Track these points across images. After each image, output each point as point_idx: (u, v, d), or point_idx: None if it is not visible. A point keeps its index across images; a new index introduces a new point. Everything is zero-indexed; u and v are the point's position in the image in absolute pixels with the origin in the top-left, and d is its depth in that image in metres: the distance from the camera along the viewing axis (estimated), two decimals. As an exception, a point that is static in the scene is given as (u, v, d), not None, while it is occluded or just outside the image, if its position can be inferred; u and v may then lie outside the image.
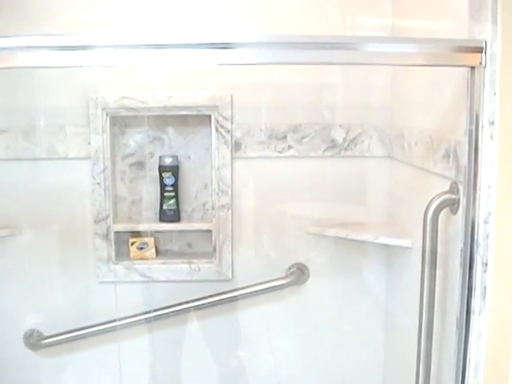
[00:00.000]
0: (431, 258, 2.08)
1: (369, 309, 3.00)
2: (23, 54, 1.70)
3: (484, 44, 1.75)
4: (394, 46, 1.86)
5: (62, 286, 2.93)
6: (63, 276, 2.92)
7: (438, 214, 2.04)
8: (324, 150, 2.86)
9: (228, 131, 2.82)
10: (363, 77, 2.86)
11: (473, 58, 1.77)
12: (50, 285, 2.92)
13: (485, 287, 1.82)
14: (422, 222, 2.08)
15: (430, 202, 2.05)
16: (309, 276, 2.95)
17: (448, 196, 2.03)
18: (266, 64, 1.92)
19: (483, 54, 1.75)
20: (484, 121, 1.77)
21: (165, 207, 2.93)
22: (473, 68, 1.79)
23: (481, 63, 1.76)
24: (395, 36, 2.71)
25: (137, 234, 2.97)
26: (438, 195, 2.05)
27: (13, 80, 2.74)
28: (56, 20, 2.70)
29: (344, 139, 2.86)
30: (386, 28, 2.82)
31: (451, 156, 2.07)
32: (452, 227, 2.07)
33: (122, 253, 2.97)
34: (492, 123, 1.76)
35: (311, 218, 2.90)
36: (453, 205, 2.02)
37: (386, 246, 2.74)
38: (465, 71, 1.85)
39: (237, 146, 2.84)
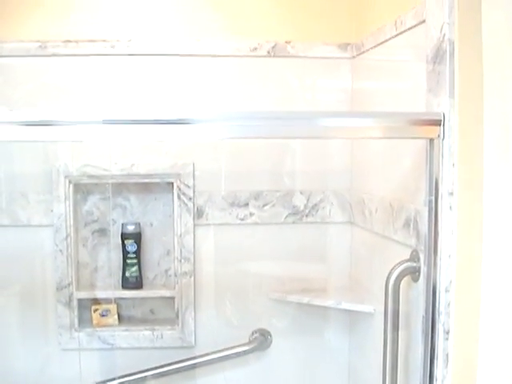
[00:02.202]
0: (393, 325, 2.10)
1: (332, 373, 2.99)
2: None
3: (442, 117, 1.80)
4: (351, 121, 1.90)
5: (24, 353, 2.88)
6: (25, 343, 2.88)
7: (400, 282, 2.07)
8: (286, 217, 2.89)
9: (190, 198, 2.84)
10: (323, 143, 2.89)
11: (431, 131, 1.81)
12: (11, 352, 2.88)
13: (447, 355, 1.84)
14: (383, 287, 2.11)
15: (392, 271, 2.08)
16: (272, 341, 2.95)
17: (409, 264, 2.07)
18: (226, 139, 1.95)
19: (441, 126, 1.80)
20: (443, 191, 1.81)
21: (127, 274, 2.92)
22: (431, 140, 1.84)
23: (439, 135, 1.80)
24: (353, 111, 2.77)
25: (99, 300, 2.94)
26: (399, 263, 2.08)
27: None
28: (17, 87, 2.73)
29: (305, 206, 2.89)
30: (345, 91, 2.89)
31: (411, 225, 2.11)
32: (413, 294, 2.10)
33: (84, 319, 2.94)
34: (451, 194, 1.80)
35: (274, 283, 2.90)
36: (414, 273, 2.06)
37: (349, 310, 2.76)
38: (424, 141, 1.90)
39: (199, 213, 2.86)
